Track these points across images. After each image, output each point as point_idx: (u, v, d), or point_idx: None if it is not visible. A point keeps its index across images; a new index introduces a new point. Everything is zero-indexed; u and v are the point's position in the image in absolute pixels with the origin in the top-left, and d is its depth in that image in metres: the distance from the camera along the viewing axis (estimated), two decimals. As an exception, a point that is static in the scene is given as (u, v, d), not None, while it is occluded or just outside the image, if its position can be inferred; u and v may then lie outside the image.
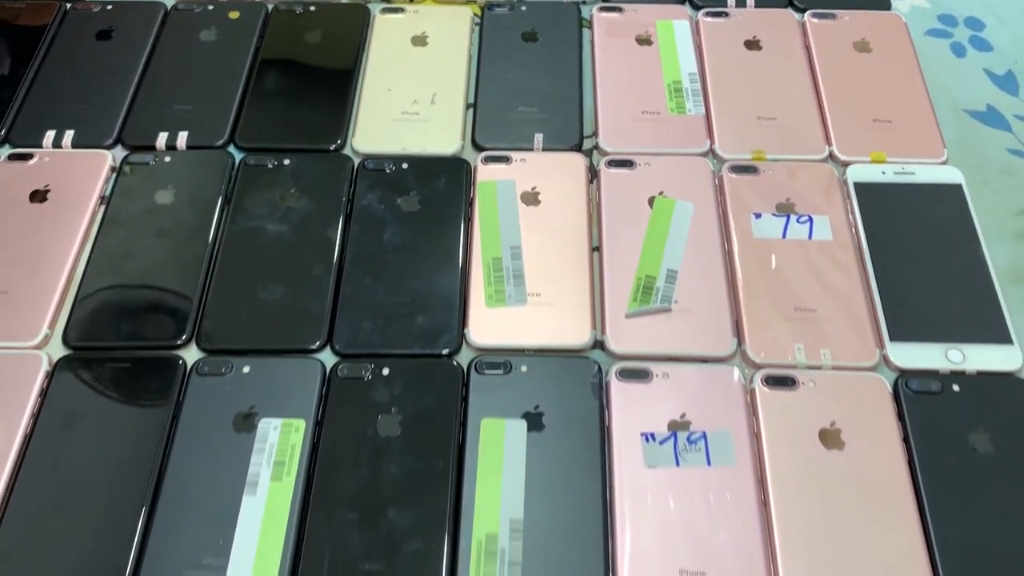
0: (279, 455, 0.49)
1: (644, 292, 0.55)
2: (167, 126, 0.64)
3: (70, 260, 0.57)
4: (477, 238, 0.58)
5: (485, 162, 0.61)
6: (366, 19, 0.70)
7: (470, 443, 0.50)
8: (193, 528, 0.47)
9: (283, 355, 0.53)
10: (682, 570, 0.45)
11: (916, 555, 0.46)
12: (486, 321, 0.54)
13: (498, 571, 0.46)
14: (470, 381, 0.52)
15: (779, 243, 0.57)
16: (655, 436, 0.50)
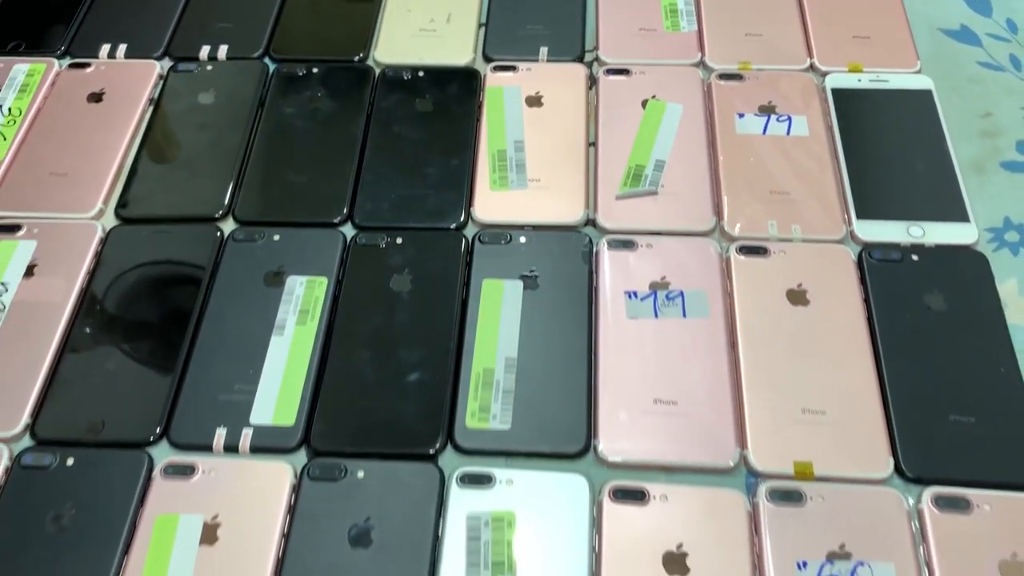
0: (304, 305, 0.56)
1: (634, 178, 0.61)
2: (210, 40, 0.71)
3: (122, 148, 0.64)
4: (484, 134, 0.64)
5: (494, 71, 0.68)
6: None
7: (472, 300, 0.56)
8: (227, 362, 0.53)
9: (309, 227, 0.60)
10: (656, 399, 0.51)
11: (870, 389, 0.51)
12: (490, 202, 0.60)
13: (493, 397, 0.51)
14: (474, 250, 0.58)
15: (759, 138, 0.63)
16: (637, 294, 0.55)
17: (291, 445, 0.50)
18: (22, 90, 0.68)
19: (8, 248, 0.59)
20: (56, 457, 0.50)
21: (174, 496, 0.49)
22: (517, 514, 0.47)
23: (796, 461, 0.49)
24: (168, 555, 0.46)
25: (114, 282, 0.57)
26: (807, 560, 0.45)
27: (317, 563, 0.46)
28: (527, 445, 0.50)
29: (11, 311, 0.56)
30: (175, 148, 0.64)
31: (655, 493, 0.48)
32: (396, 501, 0.48)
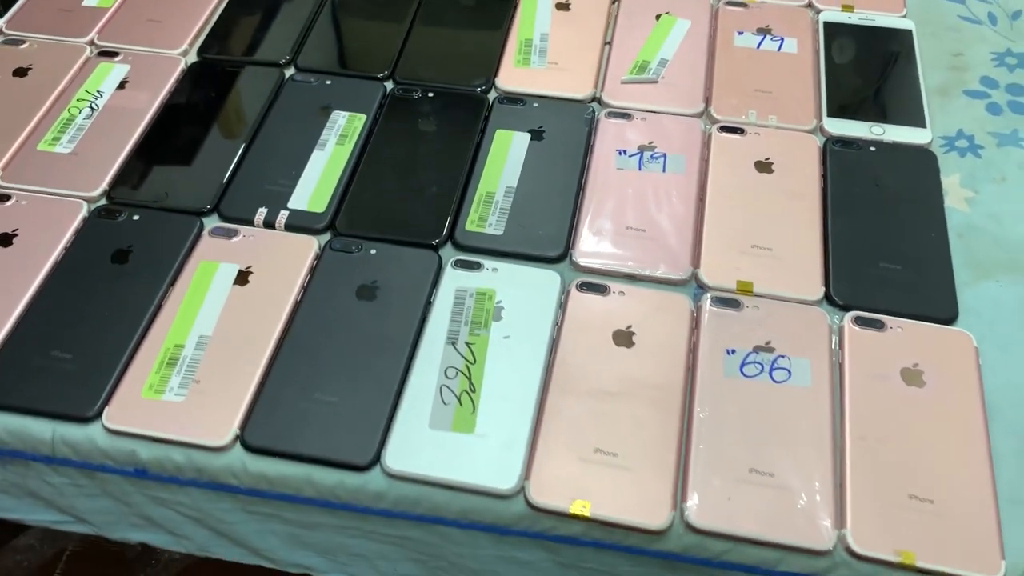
0: (344, 131, 0.66)
1: (639, 68, 0.70)
2: None
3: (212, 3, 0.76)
4: (515, 26, 0.74)
5: None
6: None
7: (485, 144, 0.65)
8: (272, 165, 0.63)
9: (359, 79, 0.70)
10: (628, 227, 0.60)
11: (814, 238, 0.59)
12: (512, 75, 0.70)
13: (491, 211, 0.61)
14: (493, 108, 0.68)
15: (753, 51, 0.72)
16: (626, 152, 0.64)
17: (319, 226, 0.60)
18: (133, -40, 0.80)
19: (106, 68, 0.70)
20: (125, 213, 0.60)
21: (217, 250, 0.58)
22: (497, 291, 0.56)
23: (739, 280, 0.57)
24: (206, 288, 0.56)
25: (192, 100, 0.68)
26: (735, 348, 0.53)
27: (327, 307, 0.55)
28: (514, 247, 0.59)
29: (102, 112, 0.67)
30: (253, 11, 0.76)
31: (615, 290, 0.56)
32: (399, 273, 0.57)
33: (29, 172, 0.63)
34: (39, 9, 0.76)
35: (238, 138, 0.65)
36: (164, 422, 0.50)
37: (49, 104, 0.68)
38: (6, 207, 0.61)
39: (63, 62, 0.71)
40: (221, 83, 0.70)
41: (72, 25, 0.74)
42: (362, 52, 0.72)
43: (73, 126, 0.66)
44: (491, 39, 0.73)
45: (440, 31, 0.74)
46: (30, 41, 0.73)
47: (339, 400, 0.51)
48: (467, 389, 0.52)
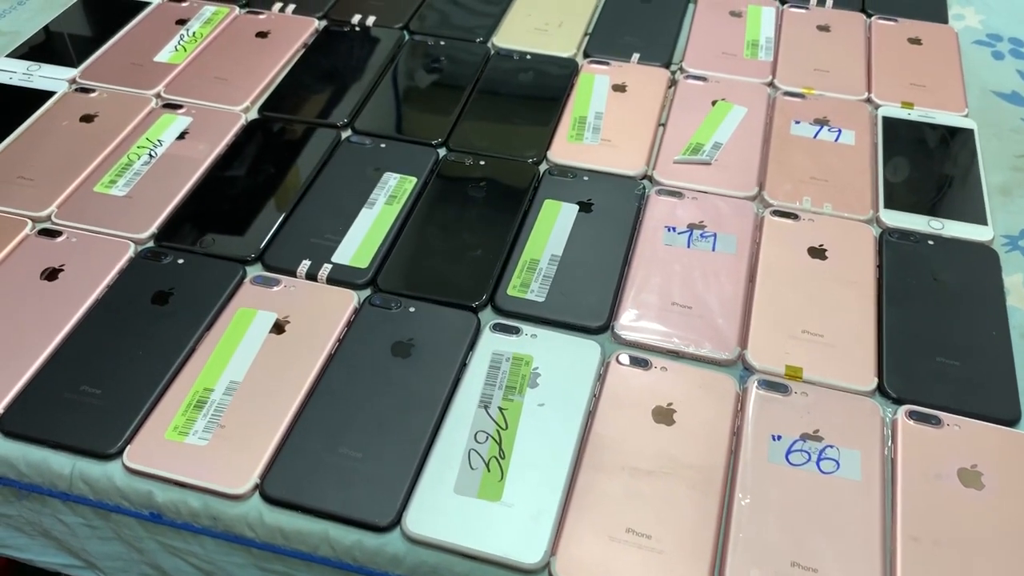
0: (394, 192, 0.66)
1: (693, 150, 0.70)
2: (362, 11, 0.85)
3: (275, 68, 0.78)
4: (571, 104, 0.75)
5: (590, 63, 0.79)
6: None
7: (532, 213, 0.65)
8: (321, 220, 0.64)
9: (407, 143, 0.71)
10: (674, 303, 0.58)
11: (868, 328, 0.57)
12: (565, 149, 0.70)
13: (534, 279, 0.60)
14: (543, 179, 0.68)
15: (810, 141, 0.71)
16: (676, 228, 0.63)
17: (360, 282, 0.60)
18: (206, 22, 0.83)
19: (169, 119, 0.72)
20: (170, 256, 0.60)
21: (257, 298, 0.58)
22: (535, 358, 0.55)
23: (788, 365, 0.55)
24: (242, 334, 0.56)
25: (248, 153, 0.69)
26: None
27: (361, 361, 0.54)
28: (555, 315, 0.57)
29: (160, 159, 0.68)
30: (316, 75, 0.77)
31: (657, 365, 0.54)
32: (436, 332, 0.56)
33: (82, 211, 0.64)
34: (112, 62, 0.78)
35: (290, 193, 0.66)
36: (184, 465, 0.49)
37: (110, 149, 0.69)
38: (56, 243, 0.61)
39: (128, 111, 0.73)
40: (278, 140, 0.71)
41: (141, 78, 0.76)
42: (418, 119, 0.73)
43: (130, 171, 0.67)
44: (546, 114, 0.74)
45: (496, 104, 0.75)
46: (100, 91, 0.75)
47: (364, 456, 0.49)
48: (496, 455, 0.50)
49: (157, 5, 0.86)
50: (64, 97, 0.74)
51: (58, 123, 0.72)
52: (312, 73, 0.78)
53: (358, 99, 0.75)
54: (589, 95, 0.76)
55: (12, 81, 0.76)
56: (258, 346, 0.55)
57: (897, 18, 0.85)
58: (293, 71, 0.78)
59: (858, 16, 0.86)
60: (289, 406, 0.52)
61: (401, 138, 0.71)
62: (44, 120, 0.72)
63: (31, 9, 0.87)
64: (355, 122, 0.73)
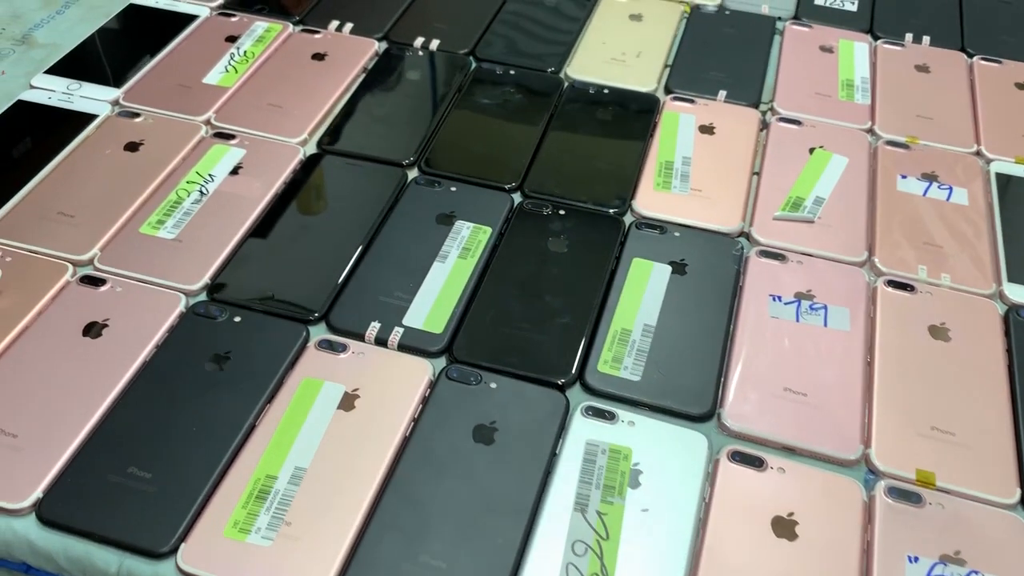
0: (467, 244, 0.60)
1: (793, 205, 0.64)
2: (425, 34, 0.79)
3: (333, 97, 0.72)
4: (655, 148, 0.69)
5: (673, 100, 0.73)
6: None
7: (620, 272, 0.59)
8: (389, 274, 0.58)
9: (484, 187, 0.65)
10: (786, 388, 0.52)
11: (1003, 420, 0.51)
12: (652, 199, 0.64)
13: (627, 352, 0.54)
14: (629, 233, 0.62)
15: (918, 198, 0.65)
16: (781, 298, 0.57)
17: (435, 349, 0.54)
18: (258, 40, 0.77)
19: (220, 151, 0.66)
20: (226, 313, 0.55)
21: (322, 366, 0.52)
22: (634, 451, 0.49)
23: (919, 469, 0.49)
24: (307, 410, 0.50)
25: (307, 193, 0.64)
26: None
27: (440, 446, 0.48)
28: (653, 398, 0.52)
29: (212, 197, 0.63)
30: (378, 105, 0.72)
31: (772, 464, 0.48)
32: (521, 414, 0.50)
33: (128, 256, 0.58)
34: (158, 82, 0.73)
35: (354, 240, 0.60)
36: (246, 570, 0.43)
37: (157, 183, 0.63)
38: (100, 293, 0.56)
39: (176, 140, 0.67)
40: (339, 179, 0.65)
41: (190, 102, 0.71)
42: (490, 159, 0.67)
43: (180, 210, 0.61)
44: (628, 156, 0.68)
45: (574, 143, 0.69)
46: (145, 115, 0.69)
47: (447, 567, 0.44)
48: (598, 572, 0.44)
49: (205, 19, 0.80)
50: (107, 121, 0.69)
51: (100, 151, 0.66)
52: (373, 102, 0.72)
53: (424, 133, 0.69)
54: (675, 137, 0.70)
55: (52, 101, 0.70)
56: (325, 425, 0.49)
57: (1001, 60, 0.79)
58: (353, 99, 0.72)
59: (958, 56, 0.79)
60: (362, 501, 0.46)
61: (473, 180, 0.65)
62: (86, 147, 0.66)
63: (71, 19, 0.81)
64: (422, 161, 0.67)
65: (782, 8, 0.85)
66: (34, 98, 0.70)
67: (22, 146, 0.66)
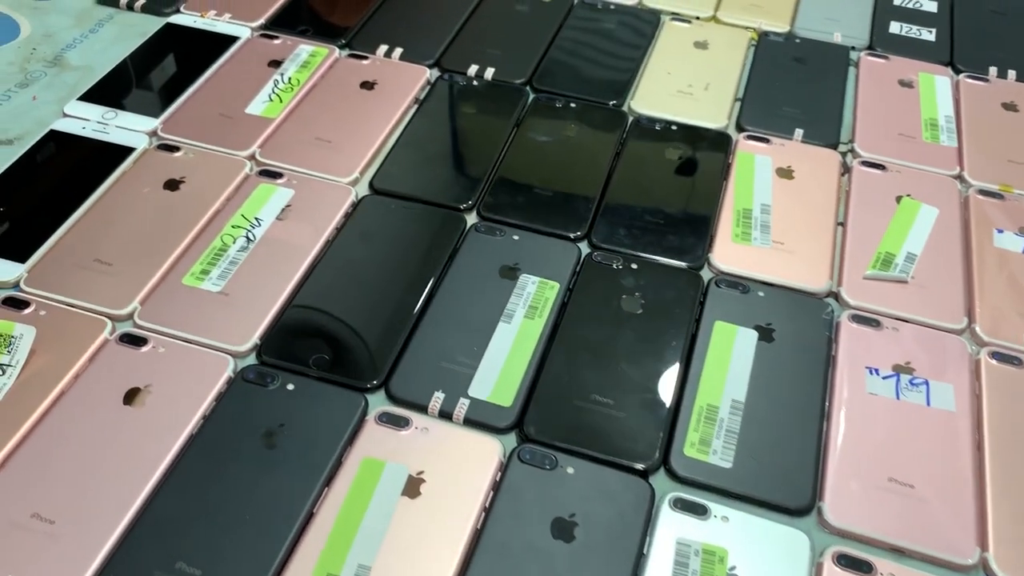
0: (534, 302, 0.56)
1: (883, 263, 0.59)
2: (479, 61, 0.75)
3: (385, 131, 0.67)
4: (731, 192, 0.64)
5: (747, 139, 0.68)
6: (656, 21, 0.80)
7: (702, 337, 0.54)
8: (454, 334, 0.53)
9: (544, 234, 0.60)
10: (891, 478, 0.48)
11: None
12: (731, 252, 0.60)
13: (715, 433, 0.49)
14: (709, 291, 0.57)
15: (1017, 256, 0.60)
16: (879, 371, 0.53)
17: (503, 425, 0.49)
18: (303, 66, 0.73)
19: (267, 191, 0.62)
20: (278, 379, 0.50)
21: (384, 443, 0.48)
22: (730, 552, 0.44)
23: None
24: (369, 496, 0.45)
25: (358, 240, 0.59)
26: None
27: (515, 542, 0.44)
28: (747, 488, 0.47)
29: (259, 244, 0.58)
30: (431, 140, 0.67)
31: (882, 569, 0.44)
32: (603, 506, 0.46)
33: (170, 311, 0.54)
34: (198, 111, 0.68)
35: (413, 296, 0.56)
36: None
37: (200, 227, 0.59)
38: (141, 354, 0.51)
39: (219, 177, 0.63)
40: (394, 224, 0.61)
41: (233, 134, 0.66)
42: (554, 204, 0.62)
43: (225, 258, 0.57)
44: (702, 202, 0.63)
45: (642, 186, 0.64)
46: (185, 148, 0.65)
47: None
48: None
49: (246, 41, 0.76)
50: (145, 155, 0.64)
51: (139, 190, 0.62)
52: (427, 137, 0.68)
53: (482, 174, 0.64)
54: (751, 181, 0.65)
55: (86, 132, 0.66)
56: (390, 515, 0.45)
57: (1092, 96, 0.74)
58: (405, 134, 0.68)
59: (1048, 92, 0.74)
60: (433, 607, 0.42)
61: (536, 228, 0.61)
62: (123, 185, 0.62)
63: (105, 39, 0.76)
64: (481, 205, 0.62)
65: (855, 36, 0.80)
66: (67, 128, 0.66)
67: (55, 183, 0.62)
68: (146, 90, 0.71)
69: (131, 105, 0.68)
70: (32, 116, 0.68)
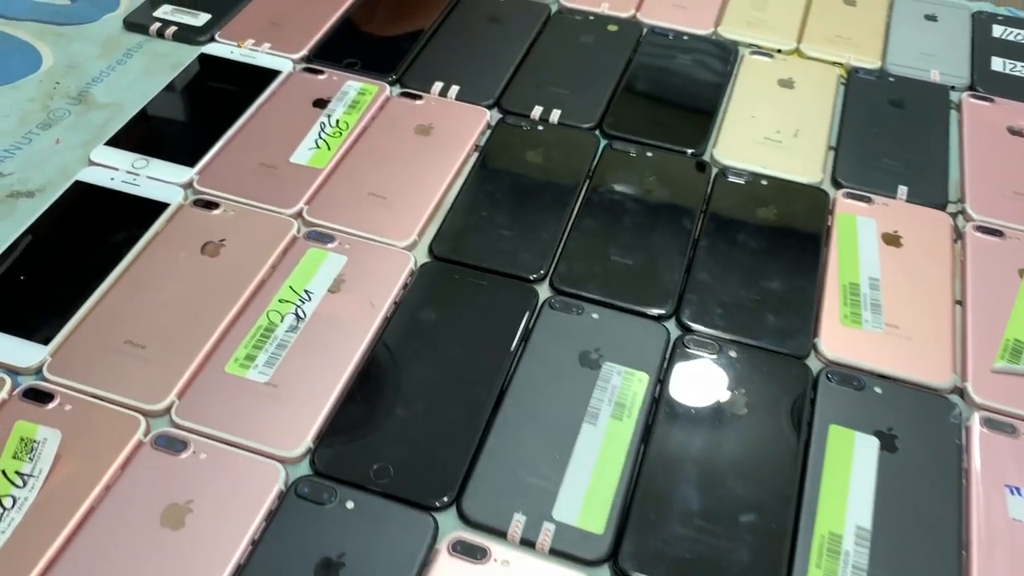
0: (620, 398, 0.49)
1: (1012, 353, 0.52)
2: (542, 102, 0.68)
3: (444, 185, 0.61)
4: (833, 262, 0.57)
5: (846, 197, 0.61)
6: (734, 56, 0.73)
7: (815, 444, 0.48)
8: (529, 442, 0.47)
9: (631, 314, 0.54)
10: (1050, 631, 0.41)
11: None
12: (840, 338, 0.53)
13: (840, 569, 0.43)
14: (820, 386, 0.50)
15: None
16: (1020, 491, 0.46)
17: (595, 557, 0.43)
18: (351, 106, 0.66)
19: (318, 257, 0.55)
20: (335, 496, 0.44)
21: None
22: None
23: None
24: (445, 650, 0.39)
25: (422, 319, 0.53)
26: None
27: None
28: (882, 641, 0.40)
29: (310, 323, 0.52)
30: (495, 196, 0.60)
31: None
32: (718, 664, 0.39)
33: (212, 407, 0.48)
34: (238, 159, 0.62)
35: (484, 389, 0.49)
36: None
37: (244, 301, 0.53)
38: (180, 461, 0.45)
39: (264, 240, 0.56)
40: (458, 298, 0.54)
41: (277, 187, 0.60)
42: (636, 276, 0.56)
43: (272, 341, 0.51)
44: (802, 272, 0.56)
45: (734, 253, 0.57)
46: (225, 205, 0.58)
47: None
48: None
49: (288, 76, 0.69)
50: (180, 212, 0.58)
51: (174, 255, 0.55)
52: (489, 191, 0.61)
53: (555, 235, 0.58)
54: (855, 248, 0.58)
55: (115, 184, 0.59)
56: (470, 675, 0.39)
57: None
58: (467, 188, 0.61)
59: None
60: None
61: (617, 304, 0.54)
62: (156, 248, 0.56)
63: (133, 71, 0.70)
64: (555, 276, 0.56)
65: (954, 74, 0.73)
66: (94, 179, 0.60)
67: (81, 246, 0.56)
68: (180, 133, 0.64)
69: (164, 151, 0.62)
70: (55, 163, 0.62)
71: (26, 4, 0.75)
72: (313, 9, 0.75)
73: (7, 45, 0.71)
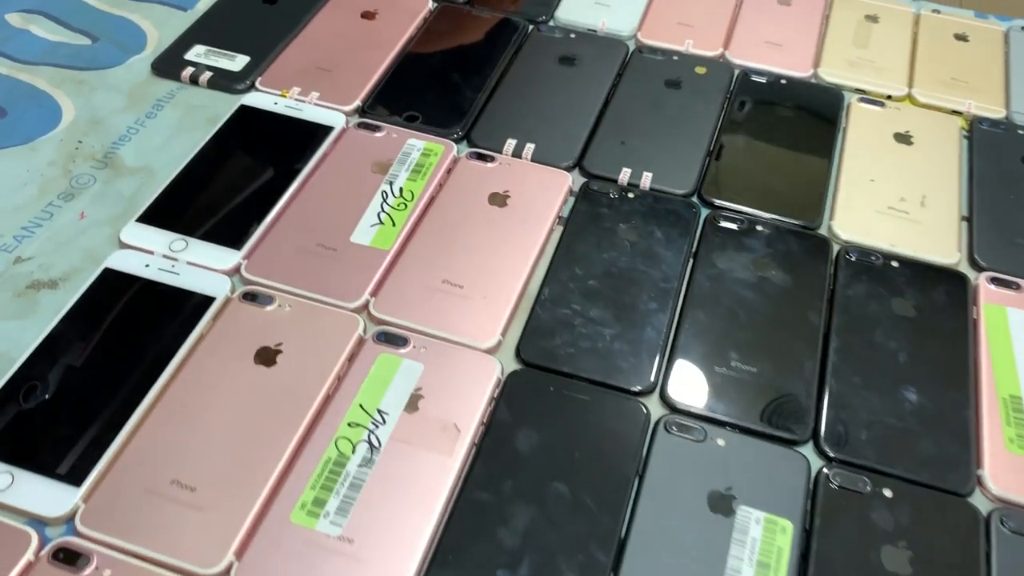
0: (763, 555, 0.41)
1: None
2: (630, 163, 0.59)
3: (526, 271, 0.53)
4: (987, 367, 0.49)
5: (991, 283, 0.53)
6: (840, 104, 0.65)
7: (998, 613, 0.40)
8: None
9: (760, 437, 0.46)
10: None
11: None
12: (1007, 469, 0.45)
13: None
14: (993, 536, 0.42)
15: None
16: None
17: None
18: (416, 170, 0.58)
19: (391, 365, 0.47)
20: None
21: None
22: None
23: None
24: None
25: (516, 448, 0.45)
26: None
27: None
28: None
29: (386, 453, 0.44)
30: (588, 288, 0.52)
31: None
32: None
33: (278, 568, 0.40)
34: (291, 242, 0.54)
35: (600, 550, 0.41)
36: None
37: (307, 423, 0.45)
38: (244, 648, 0.37)
39: (326, 343, 0.48)
40: (556, 417, 0.46)
41: (337, 276, 0.52)
42: (760, 388, 0.48)
43: (343, 479, 0.43)
44: (953, 383, 0.48)
45: (873, 362, 0.49)
46: (279, 299, 0.50)
47: None
48: None
49: (341, 133, 0.61)
50: (228, 309, 0.50)
51: (223, 364, 0.47)
52: (579, 279, 0.53)
53: (659, 336, 0.50)
54: (1010, 350, 0.50)
55: (150, 272, 0.51)
56: None
57: None
58: (552, 275, 0.53)
59: None
60: None
61: (745, 427, 0.46)
62: (202, 358, 0.48)
63: (165, 126, 0.62)
64: (667, 389, 0.48)
65: (1092, 125, 0.64)
66: (126, 266, 0.52)
67: (115, 353, 0.48)
68: (221, 206, 0.56)
69: (204, 229, 0.54)
70: (80, 245, 0.54)
71: (42, 45, 0.67)
72: (362, 51, 0.67)
73: (23, 96, 0.63)
